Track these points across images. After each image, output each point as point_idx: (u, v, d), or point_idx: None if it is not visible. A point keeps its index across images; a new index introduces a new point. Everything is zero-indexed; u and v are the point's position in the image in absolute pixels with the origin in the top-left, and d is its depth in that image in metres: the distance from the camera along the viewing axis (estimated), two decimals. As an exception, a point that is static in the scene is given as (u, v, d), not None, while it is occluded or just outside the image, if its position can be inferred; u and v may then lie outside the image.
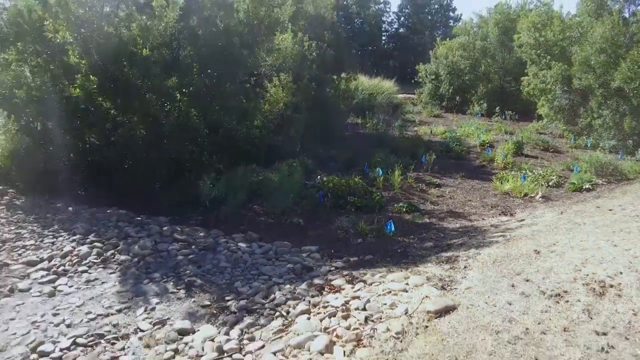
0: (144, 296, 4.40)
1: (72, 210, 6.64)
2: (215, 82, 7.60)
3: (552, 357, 2.63)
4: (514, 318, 3.05)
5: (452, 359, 2.64)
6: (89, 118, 7.07)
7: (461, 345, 2.77)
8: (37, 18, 7.02)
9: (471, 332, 2.92)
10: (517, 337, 2.83)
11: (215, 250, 5.54)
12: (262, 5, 7.46)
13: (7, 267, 5.03)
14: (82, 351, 3.51)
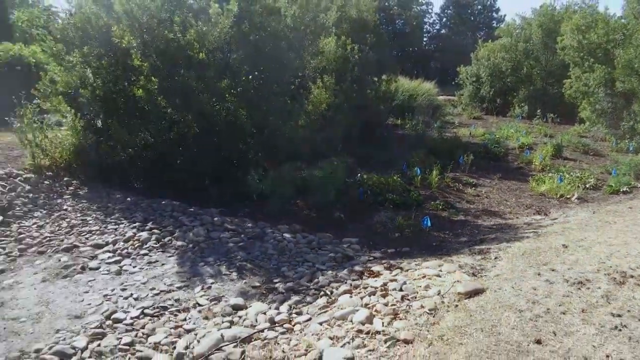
0: (201, 277, 4.90)
1: (130, 201, 7.26)
2: (262, 83, 8.09)
3: (568, 332, 2.95)
4: (537, 300, 3.38)
5: (478, 331, 2.99)
6: (147, 116, 7.67)
7: (487, 320, 3.12)
8: (103, 24, 7.68)
9: (497, 310, 3.27)
10: (538, 315, 3.16)
11: (262, 239, 6.02)
12: (308, 12, 7.90)
13: (77, 249, 5.65)
14: (150, 320, 4.02)
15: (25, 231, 6.10)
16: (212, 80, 7.20)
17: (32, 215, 6.60)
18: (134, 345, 3.58)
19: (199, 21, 7.17)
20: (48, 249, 5.64)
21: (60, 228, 6.26)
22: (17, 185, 7.16)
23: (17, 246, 5.65)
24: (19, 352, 3.55)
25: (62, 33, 8.60)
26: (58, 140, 8.34)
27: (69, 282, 4.78)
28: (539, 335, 2.92)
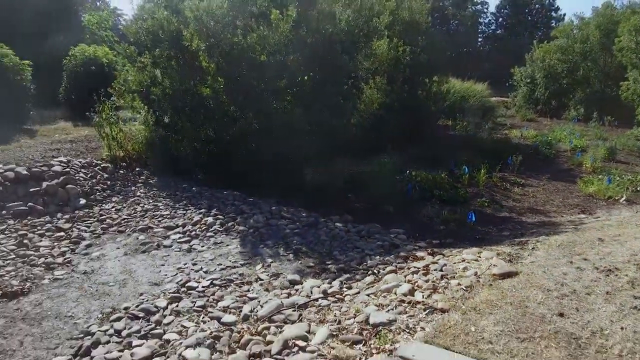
0: (261, 256, 5.49)
1: (195, 190, 7.98)
2: (317, 83, 8.64)
3: (590, 309, 3.32)
4: (566, 283, 3.75)
5: (507, 304, 3.41)
6: (212, 113, 8.37)
7: (516, 297, 3.53)
8: (173, 29, 8.45)
9: (527, 289, 3.67)
10: (565, 295, 3.54)
11: (316, 227, 6.55)
12: (362, 16, 8.37)
13: (152, 230, 6.37)
14: (219, 289, 4.63)
15: (106, 213, 6.91)
16: (272, 80, 7.81)
17: (110, 199, 7.42)
18: (206, 308, 4.19)
19: (260, 26, 7.79)
20: (126, 228, 6.40)
21: (135, 212, 7.03)
22: (97, 173, 8.03)
23: (100, 225, 6.45)
24: (111, 308, 4.24)
25: (135, 36, 9.46)
26: (131, 133, 9.20)
27: (147, 257, 5.49)
28: (563, 310, 3.30)
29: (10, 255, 5.37)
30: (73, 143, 9.67)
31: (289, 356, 3.14)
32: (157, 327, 3.85)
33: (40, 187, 7.01)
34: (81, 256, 5.52)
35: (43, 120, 12.37)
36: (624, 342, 2.87)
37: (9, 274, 4.95)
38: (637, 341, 2.88)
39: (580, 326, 3.09)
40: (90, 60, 13.83)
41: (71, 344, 3.70)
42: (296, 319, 3.73)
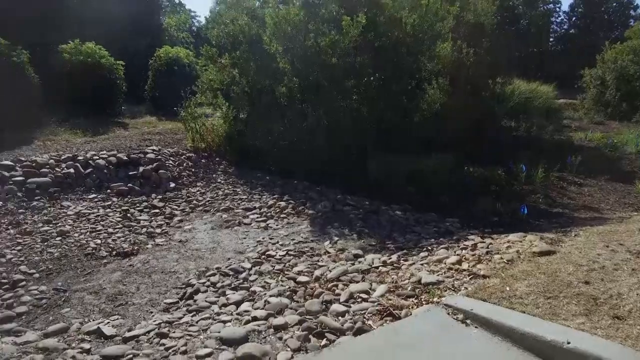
0: (328, 235, 6.28)
1: (269, 179, 8.90)
2: (382, 84, 9.34)
3: (613, 280, 3.87)
4: (597, 261, 4.29)
5: (541, 273, 4.02)
6: (284, 110, 9.27)
7: (550, 269, 4.13)
8: (253, 33, 9.42)
9: (561, 264, 4.25)
10: (593, 269, 4.10)
11: (377, 213, 7.29)
12: (426, 21, 9.00)
13: (233, 210, 7.32)
14: (293, 258, 5.46)
15: (192, 195, 7.95)
16: (340, 80, 8.60)
17: (195, 184, 8.48)
18: (283, 271, 5.02)
19: (332, 30, 8.59)
20: (211, 208, 7.39)
21: (217, 195, 8.03)
22: (183, 161, 9.12)
23: (188, 205, 7.48)
24: (205, 268, 5.17)
25: (217, 39, 10.53)
26: (212, 127, 10.28)
27: (230, 231, 6.43)
28: (589, 279, 3.87)
29: (118, 225, 6.47)
30: (160, 135, 10.88)
31: (354, 304, 3.90)
32: (245, 283, 4.73)
33: (138, 171, 8.16)
34: (175, 228, 6.54)
35: (132, 114, 13.78)
36: (635, 303, 3.43)
37: (119, 239, 6.02)
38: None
39: (601, 291, 3.66)
40: (173, 60, 15.15)
41: (176, 291, 4.64)
42: (360, 279, 4.49)
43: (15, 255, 5.38)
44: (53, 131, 10.21)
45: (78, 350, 3.34)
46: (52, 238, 5.93)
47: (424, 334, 3.25)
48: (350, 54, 8.89)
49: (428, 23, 9.17)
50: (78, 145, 9.27)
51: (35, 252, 5.53)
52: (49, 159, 7.94)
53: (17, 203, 6.80)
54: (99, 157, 8.27)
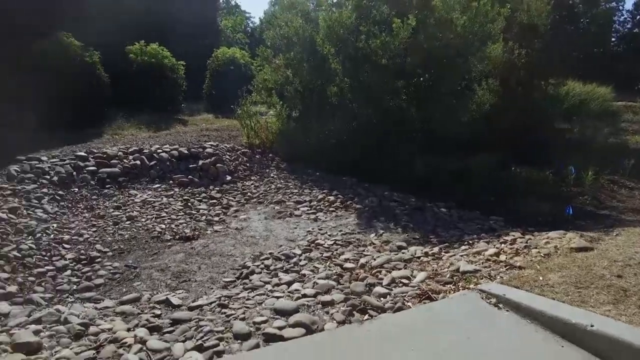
0: (374, 228, 6.63)
1: (318, 175, 9.32)
2: (431, 84, 9.59)
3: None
4: (633, 258, 4.45)
5: (575, 267, 4.23)
6: (335, 109, 9.67)
7: (585, 263, 4.33)
8: (307, 35, 9.86)
9: (596, 259, 4.44)
10: (629, 265, 4.26)
11: (422, 210, 7.57)
12: (477, 23, 9.17)
13: (284, 203, 7.78)
14: (340, 247, 5.85)
15: (247, 188, 8.47)
16: (390, 80, 8.91)
17: (249, 178, 9.00)
18: (331, 258, 5.41)
19: (382, 32, 8.91)
20: (264, 200, 7.87)
21: (270, 189, 8.51)
22: (239, 156, 9.66)
23: (244, 197, 8.00)
24: (259, 253, 5.63)
25: (272, 41, 11.04)
26: (266, 125, 10.80)
27: (282, 221, 6.88)
28: (622, 274, 4.06)
29: (180, 213, 7.04)
30: (217, 131, 11.50)
31: (395, 288, 4.24)
32: (295, 267, 5.15)
33: (197, 164, 8.76)
34: (231, 217, 7.06)
35: (190, 112, 14.55)
36: (665, 295, 3.63)
37: (181, 224, 6.59)
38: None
39: (632, 284, 3.85)
40: (230, 60, 15.85)
41: (234, 271, 5.12)
42: (402, 267, 4.82)
43: (91, 236, 6.02)
44: (120, 126, 11.02)
45: (150, 314, 3.84)
46: (122, 222, 6.56)
47: (457, 313, 3.56)
48: (400, 55, 9.18)
49: (478, 24, 9.33)
50: (143, 139, 10.00)
51: (108, 233, 6.17)
52: (118, 151, 8.66)
53: (90, 190, 7.51)
54: (162, 150, 8.94)
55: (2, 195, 6.47)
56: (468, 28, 9.14)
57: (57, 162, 7.87)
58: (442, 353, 3.03)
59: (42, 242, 5.58)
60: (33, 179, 7.21)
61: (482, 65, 10.86)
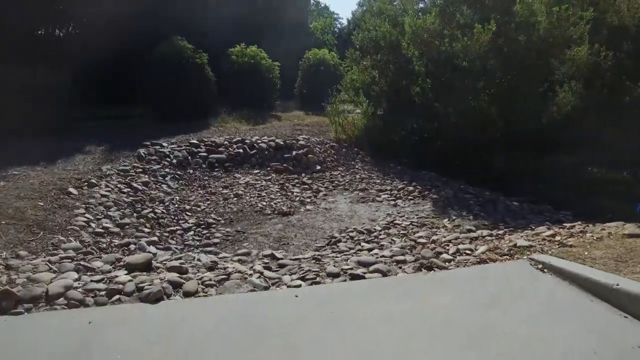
0: (448, 214, 7.46)
1: (400, 169, 10.22)
2: (512, 86, 10.18)
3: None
4: (681, 243, 5.03)
5: (621, 247, 4.88)
6: (417, 108, 10.52)
7: (632, 245, 4.95)
8: (393, 39, 10.79)
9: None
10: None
11: (495, 202, 8.27)
12: (559, 27, 9.66)
13: (367, 190, 8.77)
14: (415, 227, 6.75)
15: (334, 177, 9.54)
16: (471, 82, 9.64)
17: (337, 168, 10.07)
18: (406, 234, 6.34)
19: (465, 36, 9.65)
20: (349, 188, 8.91)
21: (355, 178, 9.54)
22: (327, 149, 10.78)
23: (331, 184, 9.08)
24: (345, 227, 6.67)
25: (361, 43, 12.04)
26: (353, 122, 11.85)
27: (365, 205, 7.88)
28: (663, 254, 4.69)
29: (277, 194, 8.25)
30: (308, 126, 12.69)
31: (459, 256, 5.11)
32: (375, 239, 6.14)
33: (291, 154, 9.96)
34: (321, 200, 8.16)
35: (283, 109, 15.92)
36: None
37: (279, 203, 7.78)
38: None
39: (671, 262, 4.49)
40: (320, 61, 17.06)
41: (324, 240, 6.19)
42: (467, 242, 5.67)
43: (207, 207, 7.36)
44: (224, 119, 12.50)
45: (260, 262, 4.98)
46: (230, 198, 7.87)
47: (507, 272, 4.41)
48: (481, 58, 9.88)
49: (560, 28, 9.81)
50: (244, 131, 11.38)
51: (220, 206, 7.48)
52: (224, 141, 10.07)
53: (202, 172, 8.93)
54: (261, 141, 10.25)
55: (135, 172, 8.01)
56: (549, 32, 9.66)
57: (175, 147, 9.39)
58: (491, 295, 3.91)
59: (170, 209, 6.97)
60: (157, 160, 8.74)
61: (565, 68, 11.26)
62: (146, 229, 6.08)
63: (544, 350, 3.16)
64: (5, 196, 6.02)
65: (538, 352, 3.14)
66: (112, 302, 3.60)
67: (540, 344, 3.22)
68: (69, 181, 6.99)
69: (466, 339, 3.27)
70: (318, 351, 3.08)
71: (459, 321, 3.49)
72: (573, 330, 3.45)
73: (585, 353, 3.11)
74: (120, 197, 6.89)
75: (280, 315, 3.47)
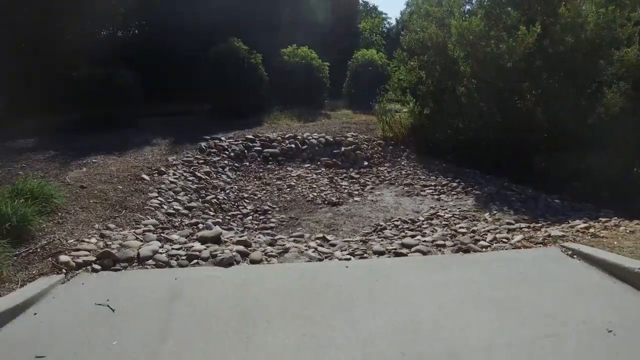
0: (489, 209, 7.88)
1: (445, 167, 10.64)
2: (558, 87, 10.44)
3: None
4: None
5: (651, 238, 5.26)
6: (463, 108, 10.92)
7: (662, 236, 5.33)
8: (440, 40, 11.23)
9: (675, 235, 5.40)
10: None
11: (536, 199, 8.63)
12: (604, 29, 9.86)
13: (412, 185, 9.27)
14: (456, 219, 7.23)
15: (380, 172, 10.10)
16: (516, 82, 9.99)
17: (383, 164, 10.62)
18: (448, 225, 6.83)
19: (510, 38, 10.00)
20: (395, 182, 9.45)
21: (400, 174, 10.06)
22: (374, 146, 11.33)
23: (378, 179, 9.64)
24: (390, 217, 7.22)
25: (408, 45, 12.51)
26: (399, 120, 12.36)
27: (410, 198, 8.41)
28: (691, 245, 5.03)
29: (327, 186, 8.88)
30: (356, 124, 13.27)
31: (495, 243, 5.59)
32: (419, 228, 6.67)
33: (340, 150, 10.58)
34: (368, 193, 8.74)
35: (332, 107, 16.54)
36: None
37: (328, 194, 8.40)
38: None
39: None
40: (368, 62, 17.59)
41: (370, 227, 6.77)
42: (505, 232, 6.13)
43: (262, 196, 8.08)
44: (276, 117, 13.25)
45: (314, 241, 5.61)
46: (284, 189, 8.56)
47: (538, 257, 4.89)
48: (526, 60, 10.20)
49: (606, 29, 10.01)
50: (295, 128, 12.08)
51: (274, 196, 8.18)
52: (277, 136, 10.79)
53: (257, 165, 9.67)
54: (312, 137, 10.91)
55: (198, 163, 8.82)
56: (595, 33, 9.88)
57: (232, 142, 10.17)
58: (520, 274, 4.41)
59: (230, 196, 7.73)
60: (216, 153, 9.53)
61: (614, 68, 11.40)
62: (210, 212, 6.84)
63: (563, 318, 3.65)
64: (90, 180, 6.90)
65: (557, 319, 3.63)
66: (191, 265, 4.35)
67: (560, 313, 3.71)
68: (141, 169, 7.85)
69: (491, 305, 3.80)
70: (367, 307, 3.69)
71: (486, 292, 4.02)
72: (594, 305, 3.91)
73: (602, 322, 3.58)
74: (187, 184, 7.70)
75: (333, 280, 4.11)
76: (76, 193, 6.28)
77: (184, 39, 14.26)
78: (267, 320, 3.47)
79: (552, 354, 3.22)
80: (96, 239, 4.89)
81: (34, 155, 8.48)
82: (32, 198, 5.17)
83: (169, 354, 3.04)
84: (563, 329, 3.51)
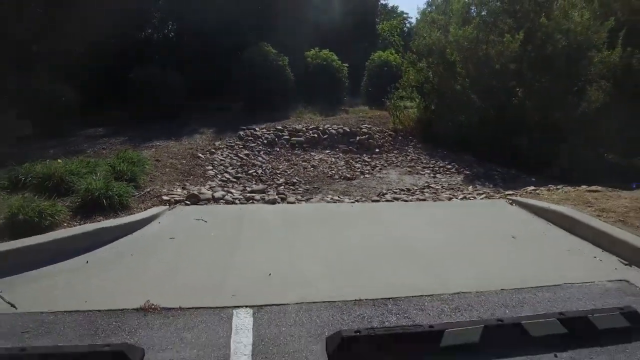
0: (473, 184, 10.11)
1: (445, 154, 12.86)
2: (544, 84, 12.59)
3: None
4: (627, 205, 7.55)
5: (575, 195, 7.47)
6: (462, 105, 13.15)
7: (582, 196, 7.54)
8: (442, 45, 13.50)
9: (591, 195, 7.61)
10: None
11: (515, 177, 10.84)
12: (580, 34, 11.99)
13: (414, 167, 11.55)
14: (445, 189, 9.49)
15: (389, 158, 12.40)
16: (505, 81, 12.19)
17: (392, 152, 12.92)
18: (437, 193, 9.09)
19: (500, 44, 12.21)
20: (400, 165, 11.76)
21: (406, 159, 12.35)
22: (385, 137, 13.64)
23: (386, 162, 11.95)
24: (391, 187, 9.54)
25: (417, 48, 14.78)
26: (408, 115, 14.65)
27: (410, 176, 10.71)
28: (597, 197, 7.24)
29: (343, 167, 11.23)
30: (370, 118, 15.58)
31: (464, 200, 7.88)
32: (412, 195, 8.96)
33: (355, 139, 12.92)
34: (377, 172, 11.07)
35: (350, 104, 18.87)
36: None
37: (344, 172, 10.75)
38: None
39: (596, 201, 7.06)
40: (384, 63, 19.87)
41: (375, 194, 9.09)
42: (474, 194, 8.40)
43: (291, 173, 10.46)
44: (300, 112, 15.63)
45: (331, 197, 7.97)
46: (308, 168, 10.93)
47: (487, 204, 7.21)
48: (514, 61, 12.39)
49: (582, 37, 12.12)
50: (317, 121, 14.44)
51: (300, 173, 10.56)
52: (302, 127, 13.17)
53: (286, 150, 12.07)
54: (332, 128, 13.27)
55: (238, 147, 11.26)
56: (571, 41, 12.03)
57: (265, 131, 12.59)
58: (470, 211, 6.73)
59: (267, 172, 10.13)
60: (252, 140, 11.96)
61: (596, 69, 13.47)
62: (253, 182, 9.25)
63: (488, 232, 5.96)
64: (160, 156, 9.38)
65: (485, 232, 5.95)
66: (249, 203, 6.78)
67: (488, 230, 6.03)
68: (196, 149, 10.33)
69: (444, 226, 6.15)
70: (364, 225, 6.07)
71: (442, 219, 6.39)
72: (510, 226, 6.22)
73: (511, 234, 5.89)
74: (232, 161, 10.16)
75: (343, 211, 6.52)
76: (154, 164, 8.74)
77: (221, 39, 16.76)
78: (298, 226, 5.92)
79: (476, 246, 5.55)
80: (180, 190, 7.36)
81: (109, 139, 11.04)
82: (133, 164, 7.63)
83: (244, 237, 5.48)
84: (486, 236, 5.85)
